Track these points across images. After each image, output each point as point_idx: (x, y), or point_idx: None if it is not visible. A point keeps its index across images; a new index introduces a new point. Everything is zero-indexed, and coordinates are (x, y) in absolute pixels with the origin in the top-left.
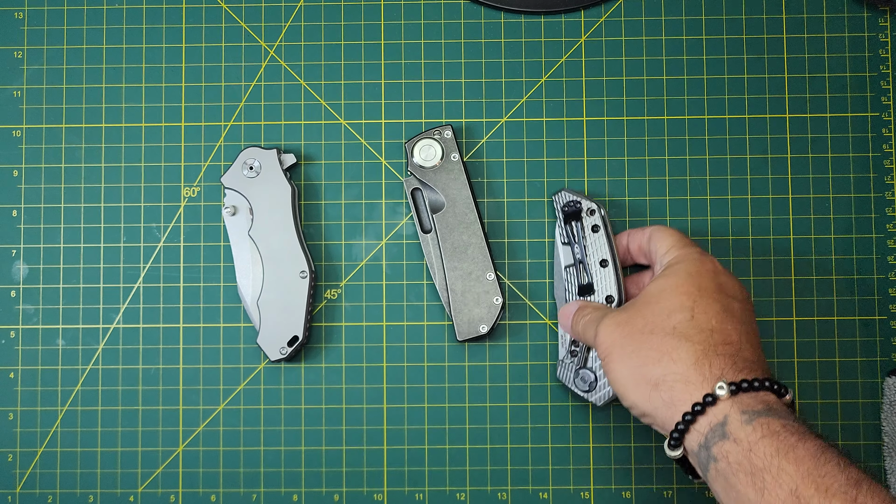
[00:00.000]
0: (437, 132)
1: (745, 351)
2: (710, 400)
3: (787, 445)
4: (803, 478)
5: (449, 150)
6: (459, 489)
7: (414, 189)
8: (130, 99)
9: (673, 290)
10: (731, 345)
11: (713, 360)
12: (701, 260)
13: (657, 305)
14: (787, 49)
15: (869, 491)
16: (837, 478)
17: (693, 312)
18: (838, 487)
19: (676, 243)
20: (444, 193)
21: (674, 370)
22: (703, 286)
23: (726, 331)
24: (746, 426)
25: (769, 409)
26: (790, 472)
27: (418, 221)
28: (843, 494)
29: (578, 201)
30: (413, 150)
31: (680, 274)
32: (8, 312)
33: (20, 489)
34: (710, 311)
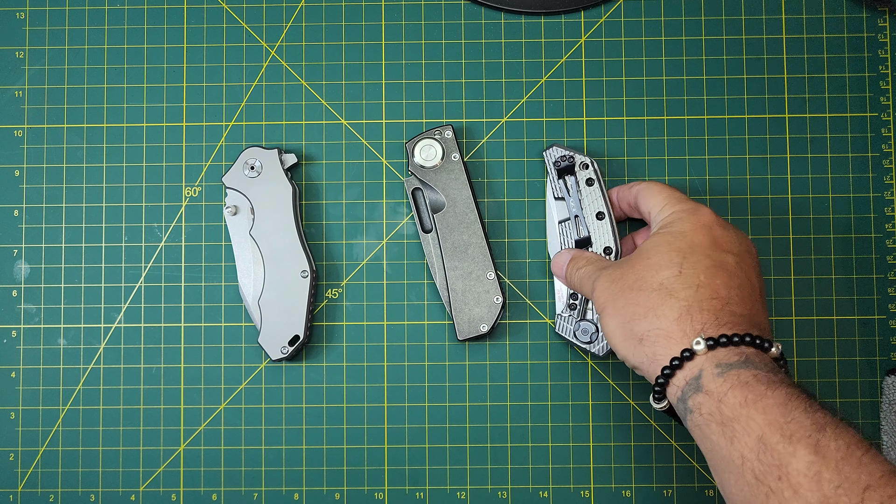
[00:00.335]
0: (438, 132)
1: (734, 305)
2: (687, 355)
3: (756, 395)
4: (769, 425)
5: (449, 150)
6: (460, 488)
7: (414, 189)
8: (132, 99)
9: (664, 247)
10: (718, 299)
11: (696, 315)
12: (695, 215)
13: (647, 261)
14: (787, 49)
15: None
16: (803, 423)
17: (681, 268)
18: (803, 433)
19: (668, 201)
20: (444, 193)
21: (657, 326)
22: (695, 242)
23: (714, 286)
24: (718, 378)
25: (745, 362)
26: (757, 421)
27: (419, 221)
28: (806, 439)
29: (572, 156)
30: (414, 150)
31: (673, 231)
32: (10, 312)
33: (22, 488)
34: (699, 266)
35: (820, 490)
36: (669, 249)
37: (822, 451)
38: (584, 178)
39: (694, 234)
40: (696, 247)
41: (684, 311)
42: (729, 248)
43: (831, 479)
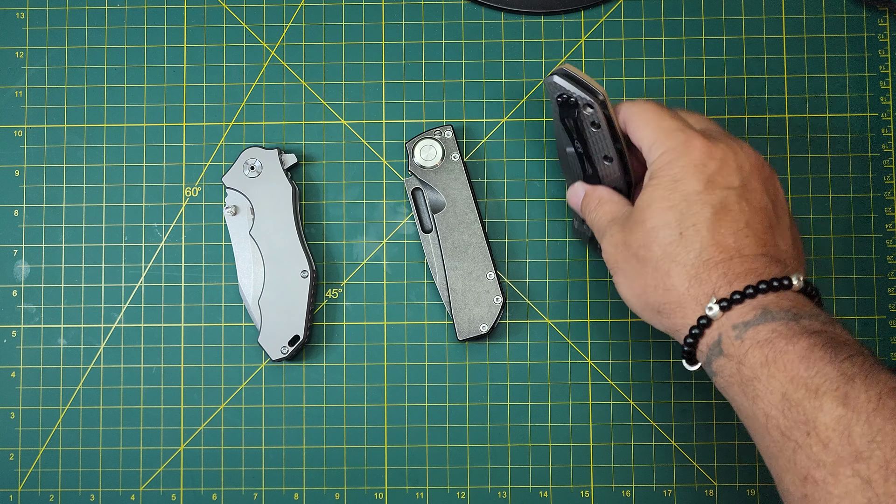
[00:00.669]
0: (438, 132)
1: (745, 248)
2: (704, 322)
3: (776, 352)
4: (791, 381)
5: (449, 150)
6: (460, 488)
7: (414, 189)
8: (132, 99)
9: (658, 206)
10: (726, 251)
11: (704, 278)
12: (686, 152)
13: (646, 225)
14: (787, 49)
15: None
16: (829, 375)
17: (680, 228)
18: (829, 385)
19: (657, 133)
20: (444, 193)
21: (669, 298)
22: (689, 191)
23: (718, 238)
24: (736, 341)
25: (763, 314)
26: (779, 378)
27: (419, 221)
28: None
29: (573, 97)
30: (414, 151)
31: (664, 183)
32: (10, 312)
33: (22, 488)
34: (698, 221)
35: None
36: (665, 208)
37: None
38: (588, 120)
39: (686, 180)
40: (692, 196)
41: (693, 278)
42: (728, 183)
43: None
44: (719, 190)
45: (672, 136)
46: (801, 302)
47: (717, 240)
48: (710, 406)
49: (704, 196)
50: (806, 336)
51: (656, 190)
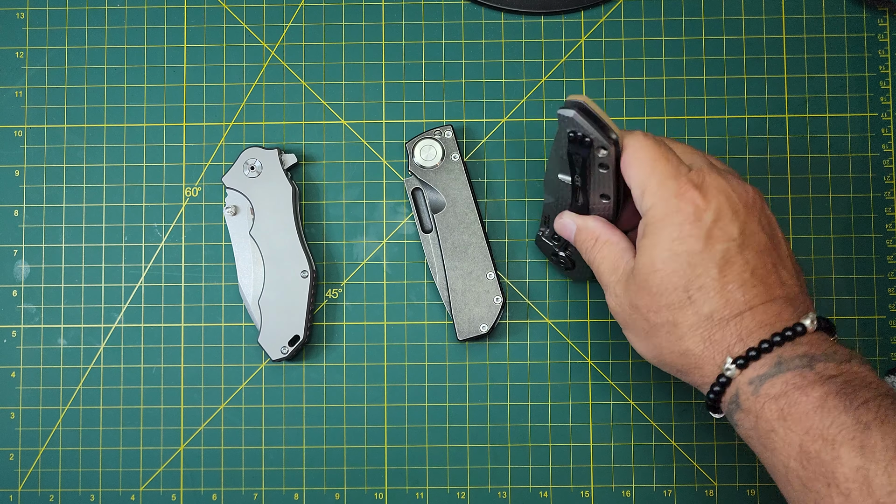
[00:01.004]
0: (438, 132)
1: (753, 299)
2: (723, 381)
3: (790, 404)
4: (807, 433)
5: (449, 151)
6: (460, 488)
7: (414, 189)
8: (132, 99)
9: (660, 270)
10: (736, 307)
11: (718, 337)
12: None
13: (652, 290)
14: (787, 49)
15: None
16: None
17: (688, 292)
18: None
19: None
20: (444, 193)
21: (686, 361)
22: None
23: (727, 293)
24: (752, 396)
25: (778, 364)
26: (796, 431)
27: (419, 221)
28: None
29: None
30: (414, 151)
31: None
32: (10, 312)
33: (22, 488)
34: (705, 282)
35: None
36: (669, 272)
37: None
38: (597, 160)
39: (685, 240)
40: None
41: (706, 340)
42: (728, 235)
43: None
44: (720, 244)
45: (664, 186)
46: (817, 343)
47: (727, 297)
48: None
49: (706, 254)
50: (820, 384)
51: (655, 250)
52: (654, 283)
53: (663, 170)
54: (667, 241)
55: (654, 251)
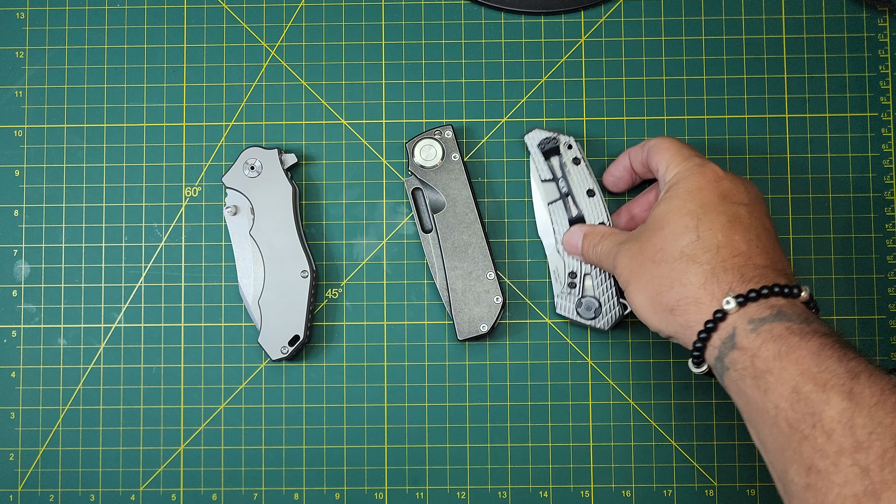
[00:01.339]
0: (438, 132)
1: (756, 257)
2: (719, 316)
3: (789, 346)
4: (802, 374)
5: (449, 150)
6: (460, 488)
7: (414, 189)
8: (132, 99)
9: (676, 213)
10: (740, 255)
11: (721, 276)
12: (701, 172)
13: (664, 231)
14: (787, 49)
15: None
16: (836, 371)
17: (698, 232)
18: (836, 381)
19: (674, 158)
20: (444, 193)
21: (685, 294)
22: (706, 201)
23: (733, 242)
24: (751, 334)
25: (777, 314)
26: (791, 372)
27: (419, 221)
28: (840, 387)
29: (555, 137)
30: (414, 150)
31: (681, 194)
32: (10, 312)
33: (22, 488)
34: (714, 226)
35: (853, 435)
36: (683, 214)
37: (855, 397)
38: (570, 157)
39: (703, 191)
40: (708, 205)
41: (709, 275)
42: (740, 200)
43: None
44: (733, 203)
45: (690, 159)
46: (809, 311)
47: (733, 244)
48: (710, 406)
49: (720, 206)
50: (818, 336)
51: (673, 200)
52: (668, 223)
53: (688, 153)
54: (685, 191)
55: (673, 200)
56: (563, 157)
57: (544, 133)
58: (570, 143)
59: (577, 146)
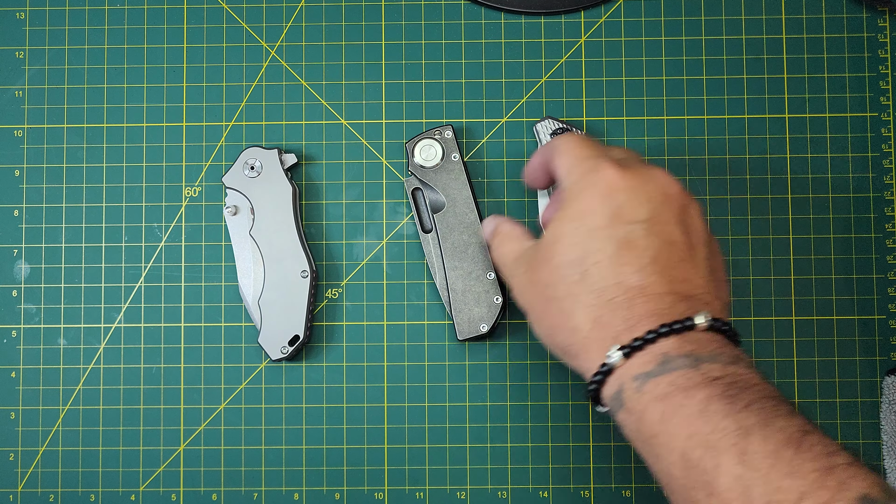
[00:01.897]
0: (438, 132)
1: (651, 286)
2: (605, 369)
3: (673, 407)
4: (690, 438)
5: (449, 150)
6: (460, 488)
7: (414, 189)
8: (132, 99)
9: (564, 241)
10: (630, 291)
11: (607, 320)
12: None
13: (552, 262)
14: (787, 49)
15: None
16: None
17: (584, 265)
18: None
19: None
20: (444, 193)
21: (574, 340)
22: (594, 226)
23: (621, 277)
24: (636, 394)
25: (663, 363)
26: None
27: (419, 221)
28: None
29: (567, 127)
30: (414, 151)
31: (567, 215)
32: (9, 312)
33: (22, 488)
34: (602, 258)
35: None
36: (569, 243)
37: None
38: None
39: (592, 215)
40: (596, 232)
41: (595, 320)
42: (634, 217)
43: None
44: (624, 224)
45: (584, 163)
46: (705, 342)
47: (621, 279)
48: None
49: (609, 230)
50: (704, 386)
51: (563, 224)
52: (556, 254)
53: (586, 153)
54: (574, 213)
55: (561, 223)
56: None
57: (557, 122)
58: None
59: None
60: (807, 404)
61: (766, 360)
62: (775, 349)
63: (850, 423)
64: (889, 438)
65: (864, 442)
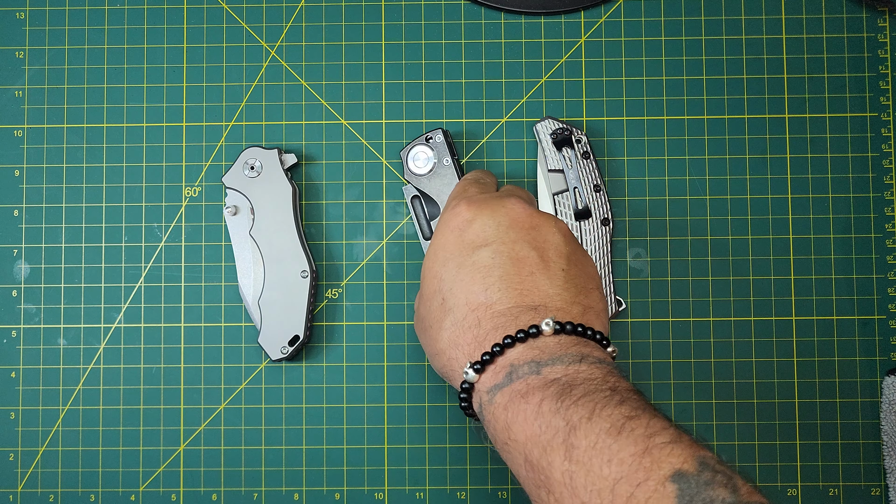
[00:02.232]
0: (430, 137)
1: (498, 303)
2: (466, 386)
3: (514, 414)
4: (528, 441)
5: (441, 155)
6: (460, 488)
7: (413, 196)
8: (132, 99)
9: (426, 276)
10: (477, 309)
11: (461, 340)
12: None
13: (422, 296)
14: (787, 49)
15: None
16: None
17: (441, 293)
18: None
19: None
20: (438, 199)
21: (442, 364)
22: (446, 256)
23: (471, 295)
24: (489, 406)
25: (510, 374)
26: (520, 440)
27: (419, 228)
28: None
29: (567, 128)
30: (407, 159)
31: (429, 253)
32: (9, 312)
33: (22, 488)
34: (454, 284)
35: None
36: (430, 276)
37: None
38: (580, 150)
39: (444, 245)
40: (449, 261)
41: (451, 342)
42: (482, 241)
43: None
44: (471, 250)
45: (447, 205)
46: (550, 347)
47: (470, 299)
48: (711, 406)
49: (460, 258)
50: (541, 389)
51: (427, 261)
52: (423, 288)
53: (452, 195)
54: (433, 249)
55: (426, 261)
56: (574, 149)
57: (557, 123)
58: (580, 136)
59: (586, 140)
60: (807, 404)
61: (766, 360)
62: (775, 349)
63: (850, 424)
64: (889, 438)
65: (864, 442)
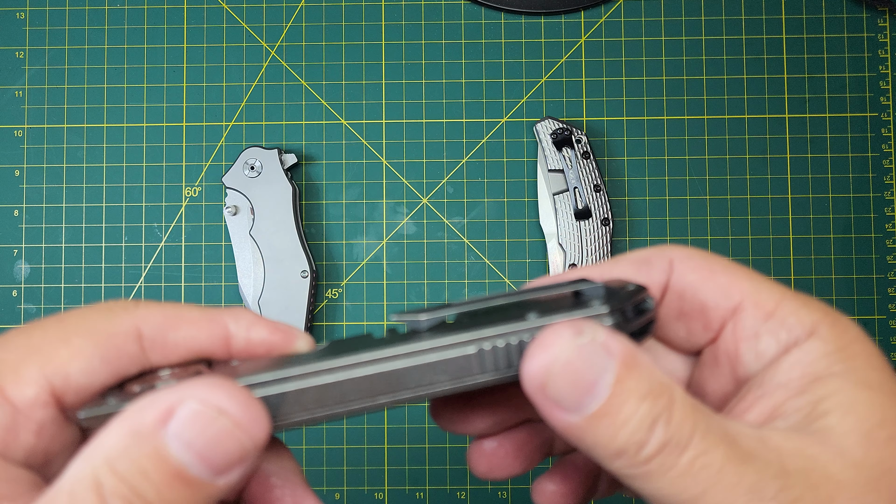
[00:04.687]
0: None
1: None
2: None
3: None
4: None
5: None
6: (460, 488)
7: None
8: (132, 99)
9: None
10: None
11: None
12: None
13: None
14: (787, 49)
15: None
16: None
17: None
18: None
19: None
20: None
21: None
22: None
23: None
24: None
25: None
26: None
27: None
28: None
29: (567, 128)
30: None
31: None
32: (10, 312)
33: None
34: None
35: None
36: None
37: None
38: (580, 150)
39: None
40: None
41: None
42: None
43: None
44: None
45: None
46: None
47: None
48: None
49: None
50: None
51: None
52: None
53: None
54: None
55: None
56: (574, 150)
57: (557, 123)
58: (580, 136)
59: (586, 140)
60: None
61: None
62: None
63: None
64: None
65: None
